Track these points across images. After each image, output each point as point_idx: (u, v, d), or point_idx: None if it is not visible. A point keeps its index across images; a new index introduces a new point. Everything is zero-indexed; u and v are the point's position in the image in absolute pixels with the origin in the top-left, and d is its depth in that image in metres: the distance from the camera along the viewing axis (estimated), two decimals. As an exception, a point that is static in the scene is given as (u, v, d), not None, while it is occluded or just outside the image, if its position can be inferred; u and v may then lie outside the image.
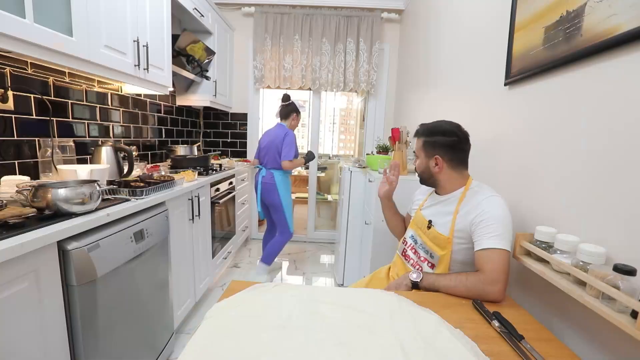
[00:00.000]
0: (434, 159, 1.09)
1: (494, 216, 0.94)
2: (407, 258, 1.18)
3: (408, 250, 1.18)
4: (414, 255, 1.15)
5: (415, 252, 1.15)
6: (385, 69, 3.15)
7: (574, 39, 0.88)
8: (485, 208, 0.96)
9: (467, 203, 1.03)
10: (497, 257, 0.90)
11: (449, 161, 1.08)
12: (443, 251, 1.04)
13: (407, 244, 1.20)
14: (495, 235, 0.92)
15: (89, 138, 1.71)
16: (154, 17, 1.73)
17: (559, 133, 0.95)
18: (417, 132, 1.16)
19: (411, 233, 1.20)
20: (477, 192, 1.03)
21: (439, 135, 1.09)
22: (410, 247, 1.18)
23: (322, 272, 2.73)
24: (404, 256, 1.20)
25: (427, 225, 1.12)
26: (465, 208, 1.02)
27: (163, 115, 2.52)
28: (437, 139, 1.09)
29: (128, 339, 1.20)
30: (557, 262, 0.79)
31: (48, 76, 1.44)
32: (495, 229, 0.92)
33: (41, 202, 0.95)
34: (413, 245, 1.17)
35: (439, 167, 1.09)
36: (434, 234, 1.08)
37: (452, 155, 1.08)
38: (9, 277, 0.76)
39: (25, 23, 1.01)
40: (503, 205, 0.97)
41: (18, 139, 1.31)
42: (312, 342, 0.70)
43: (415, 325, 0.77)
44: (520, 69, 1.12)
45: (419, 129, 1.16)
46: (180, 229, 1.66)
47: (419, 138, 1.14)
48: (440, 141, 1.08)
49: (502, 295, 0.90)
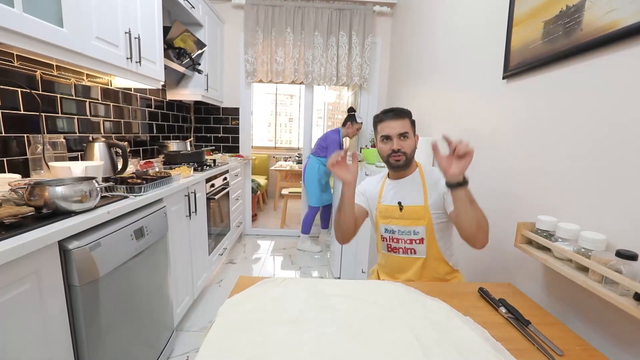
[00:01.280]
0: (415, 136, 1.17)
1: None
2: (395, 251, 1.18)
3: (392, 243, 1.18)
4: (399, 243, 1.16)
5: (398, 240, 1.16)
6: (377, 63, 3.15)
7: (574, 33, 0.90)
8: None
9: (430, 177, 1.16)
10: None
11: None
12: (424, 220, 1.11)
13: (387, 239, 1.20)
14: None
15: (79, 134, 1.65)
16: (144, 8, 1.67)
17: (558, 125, 0.98)
18: (400, 112, 1.14)
19: (384, 228, 1.19)
20: (430, 168, 1.20)
21: (412, 116, 1.17)
22: (391, 240, 1.18)
23: (318, 267, 2.74)
24: (392, 251, 1.19)
25: (398, 209, 1.15)
26: (430, 181, 1.14)
27: (154, 110, 2.45)
28: (413, 119, 1.17)
29: (130, 338, 1.18)
30: (560, 250, 0.82)
31: (35, 69, 1.38)
32: None
33: (39, 200, 0.92)
34: (392, 235, 1.18)
35: (416, 145, 1.17)
36: (409, 209, 1.13)
37: None
38: (10, 279, 0.74)
39: (14, 12, 0.96)
40: None
41: (5, 135, 1.26)
42: (327, 335, 0.70)
43: (426, 314, 0.79)
44: (519, 63, 1.15)
45: (397, 109, 1.15)
46: (178, 225, 1.64)
47: (403, 118, 1.14)
48: (413, 121, 1.17)
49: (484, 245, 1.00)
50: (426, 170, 1.19)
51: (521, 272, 1.11)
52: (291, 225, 3.71)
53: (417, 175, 1.18)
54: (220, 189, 2.36)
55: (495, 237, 1.08)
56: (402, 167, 1.16)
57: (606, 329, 0.79)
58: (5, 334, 0.73)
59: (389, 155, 1.14)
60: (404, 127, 1.12)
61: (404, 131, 1.12)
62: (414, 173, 1.19)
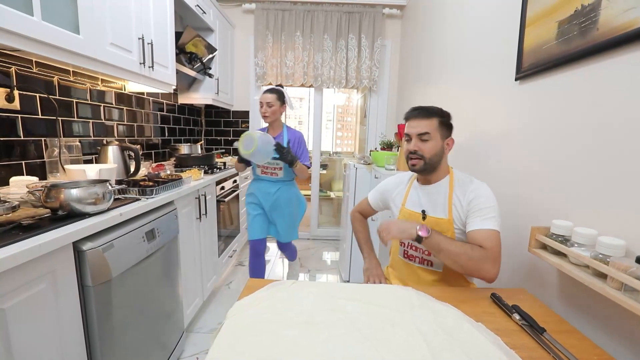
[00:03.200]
0: (447, 140, 1.06)
1: (490, 201, 0.98)
2: (411, 258, 1.13)
3: (410, 251, 1.14)
4: (417, 252, 1.11)
5: (417, 249, 1.11)
6: (387, 65, 3.14)
7: (590, 33, 0.88)
8: (480, 193, 0.99)
9: (459, 188, 1.04)
10: (495, 238, 0.93)
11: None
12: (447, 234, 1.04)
13: (405, 245, 1.15)
14: (492, 217, 0.95)
15: (94, 137, 1.69)
16: (157, 14, 1.71)
17: (574, 127, 0.95)
18: (426, 111, 1.05)
19: None
20: (464, 179, 1.06)
21: (447, 118, 1.07)
22: (409, 246, 1.13)
23: (326, 269, 2.73)
24: (408, 258, 1.15)
25: (421, 217, 1.08)
26: (458, 193, 1.04)
27: (165, 113, 2.50)
28: (448, 121, 1.07)
29: (141, 338, 1.20)
30: (576, 255, 0.80)
31: (53, 75, 1.42)
32: (492, 212, 0.96)
33: (54, 202, 0.94)
34: (411, 243, 1.12)
35: (449, 149, 1.07)
36: (432, 220, 1.06)
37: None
38: (28, 278, 0.76)
39: (33, 21, 1.00)
40: (489, 190, 1.01)
41: (25, 139, 1.30)
42: (337, 338, 0.70)
43: (436, 319, 0.77)
44: (532, 64, 1.13)
45: (425, 108, 1.07)
46: (188, 227, 1.65)
47: (430, 118, 1.04)
48: (449, 123, 1.07)
49: (497, 275, 0.91)
50: (458, 180, 1.07)
51: (535, 277, 1.08)
52: (301, 228, 3.70)
53: (446, 184, 1.07)
54: (230, 191, 2.39)
55: (508, 241, 1.06)
56: (421, 172, 1.08)
57: (626, 338, 0.76)
58: (22, 332, 0.74)
59: (407, 157, 1.08)
60: (426, 127, 1.03)
61: (424, 131, 1.03)
62: (442, 180, 1.08)
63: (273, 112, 1.84)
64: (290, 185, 1.99)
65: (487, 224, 0.94)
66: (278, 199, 1.94)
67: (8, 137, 1.23)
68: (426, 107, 1.08)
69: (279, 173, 1.90)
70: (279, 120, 1.92)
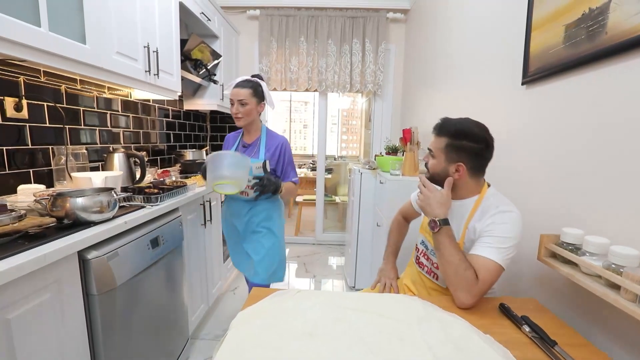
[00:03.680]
0: (455, 165, 0.95)
1: (508, 232, 0.88)
2: (421, 266, 1.12)
3: (421, 258, 1.13)
4: (427, 262, 1.10)
5: (428, 258, 1.10)
6: (391, 69, 3.13)
7: (598, 37, 0.86)
8: (502, 220, 0.90)
9: (480, 213, 0.95)
10: (492, 273, 0.86)
11: (471, 169, 0.96)
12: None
13: (419, 251, 1.14)
14: (500, 248, 0.87)
15: (100, 145, 1.71)
16: (163, 22, 1.73)
17: (582, 132, 0.93)
18: (440, 129, 0.99)
19: (421, 239, 1.13)
20: (492, 203, 0.95)
21: (467, 140, 0.93)
22: (422, 254, 1.12)
23: (332, 274, 2.71)
24: (417, 263, 1.14)
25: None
26: (477, 218, 0.95)
27: (171, 120, 2.52)
28: (464, 145, 0.93)
29: (146, 345, 1.19)
30: (588, 265, 0.78)
31: (60, 84, 1.44)
32: (500, 242, 0.87)
33: (60, 211, 0.95)
34: (425, 251, 1.11)
35: (459, 175, 0.96)
36: None
37: (476, 163, 0.95)
38: (33, 287, 0.76)
39: (40, 32, 1.01)
40: (516, 222, 0.90)
41: (32, 147, 1.31)
42: (342, 350, 0.69)
43: (443, 331, 0.76)
44: (539, 68, 1.11)
45: (443, 124, 0.98)
46: (193, 234, 1.66)
47: (440, 136, 0.98)
48: (467, 147, 0.93)
49: (469, 307, 0.87)
50: (484, 206, 0.95)
51: (546, 287, 1.06)
52: (305, 233, 3.71)
53: (469, 206, 0.98)
54: (235, 196, 2.39)
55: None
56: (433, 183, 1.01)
57: (641, 351, 0.74)
58: (27, 342, 0.75)
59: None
60: (433, 143, 1.00)
61: (430, 147, 1.01)
62: (466, 200, 0.99)
63: (247, 112, 1.41)
64: (265, 203, 1.50)
65: (492, 254, 0.87)
66: (250, 221, 1.50)
67: (16, 146, 1.25)
68: (449, 122, 0.98)
69: (250, 192, 1.41)
70: (256, 122, 1.48)
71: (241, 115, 1.41)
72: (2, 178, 1.20)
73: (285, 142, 1.49)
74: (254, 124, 1.48)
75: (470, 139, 0.93)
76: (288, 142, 1.51)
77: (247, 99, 1.39)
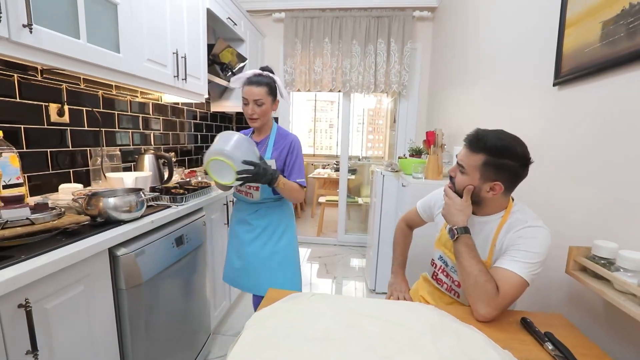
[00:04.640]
0: (491, 184, 0.88)
1: (535, 247, 0.84)
2: (439, 282, 1.08)
3: (439, 274, 1.08)
4: (447, 279, 1.05)
5: (447, 275, 1.05)
6: (417, 69, 3.06)
7: (639, 34, 0.80)
8: (529, 235, 0.86)
9: (507, 229, 0.91)
10: (516, 284, 0.82)
11: (507, 189, 0.90)
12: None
13: (436, 267, 1.09)
14: (526, 263, 0.83)
15: (133, 146, 1.81)
16: (191, 29, 1.80)
17: (620, 137, 0.86)
18: (475, 144, 0.89)
19: (439, 254, 1.08)
20: (518, 218, 0.90)
21: (509, 159, 0.85)
22: (441, 270, 1.07)
23: (353, 276, 2.70)
24: (435, 280, 1.10)
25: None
26: (504, 233, 0.91)
27: (199, 121, 2.62)
28: (505, 164, 0.86)
29: (170, 338, 1.26)
30: (621, 282, 0.72)
31: (98, 89, 1.55)
32: (527, 257, 0.84)
33: (94, 210, 1.02)
34: (444, 267, 1.06)
35: (493, 193, 0.89)
36: None
37: (513, 182, 0.89)
38: (70, 280, 0.83)
39: (79, 43, 1.09)
40: (546, 238, 0.86)
41: (73, 149, 1.42)
42: (352, 357, 0.69)
43: (459, 344, 0.73)
44: (572, 68, 1.04)
45: (479, 138, 0.88)
46: (216, 233, 1.72)
47: (475, 152, 0.88)
48: (508, 166, 0.86)
49: (489, 320, 0.84)
50: (511, 222, 0.91)
51: (574, 302, 0.99)
52: (327, 234, 3.72)
53: (495, 222, 0.93)
54: (258, 196, 2.44)
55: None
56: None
57: (681, 379, 0.67)
58: (62, 330, 0.81)
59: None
60: (464, 158, 0.92)
61: (461, 162, 0.93)
62: (491, 216, 0.95)
63: (264, 112, 1.29)
64: (273, 207, 1.40)
65: (516, 267, 0.83)
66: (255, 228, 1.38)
67: (59, 148, 1.36)
68: (481, 137, 0.88)
69: (254, 194, 1.35)
70: (269, 121, 1.39)
71: (257, 117, 1.29)
72: (47, 177, 1.31)
73: (295, 140, 1.35)
74: (267, 123, 1.37)
75: (513, 158, 0.86)
76: (299, 141, 1.36)
77: (264, 98, 1.27)
